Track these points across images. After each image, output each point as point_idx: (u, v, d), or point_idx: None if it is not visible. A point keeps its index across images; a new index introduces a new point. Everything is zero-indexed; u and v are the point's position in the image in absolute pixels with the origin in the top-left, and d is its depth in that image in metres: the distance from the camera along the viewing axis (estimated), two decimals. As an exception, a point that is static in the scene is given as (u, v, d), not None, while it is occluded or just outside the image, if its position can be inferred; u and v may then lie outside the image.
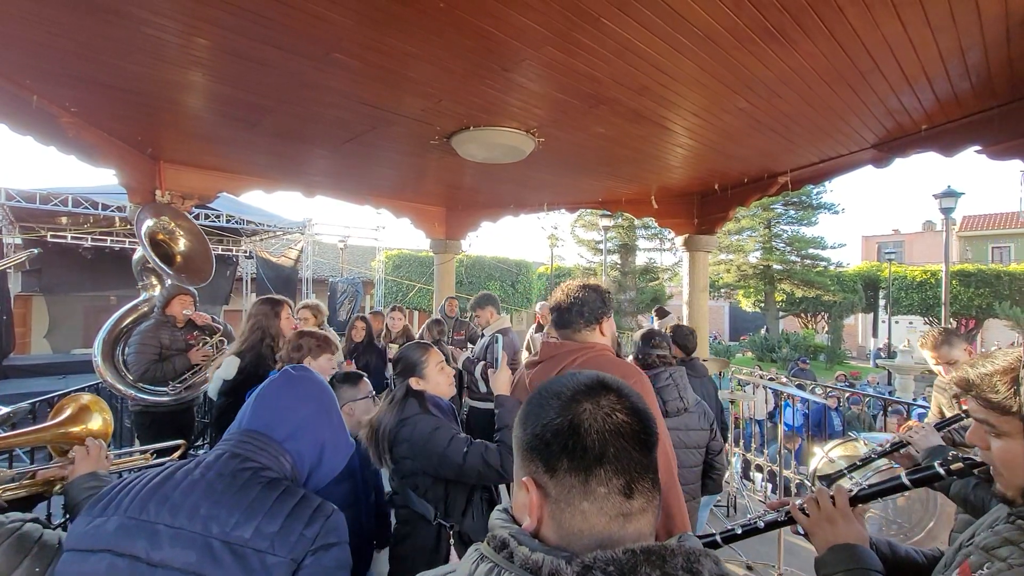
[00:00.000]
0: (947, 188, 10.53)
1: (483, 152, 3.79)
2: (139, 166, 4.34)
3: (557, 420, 0.64)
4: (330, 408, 1.24)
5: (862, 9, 2.13)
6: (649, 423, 0.66)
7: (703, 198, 5.59)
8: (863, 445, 2.99)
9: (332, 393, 1.29)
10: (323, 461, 1.18)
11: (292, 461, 1.12)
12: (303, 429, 1.16)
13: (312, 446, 1.16)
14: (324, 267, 16.70)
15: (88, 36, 2.48)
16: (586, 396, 0.65)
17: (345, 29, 2.33)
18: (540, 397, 0.69)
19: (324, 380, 1.30)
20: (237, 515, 0.98)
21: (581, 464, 0.61)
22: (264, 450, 1.09)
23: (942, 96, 3.00)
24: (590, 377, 0.69)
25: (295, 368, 1.28)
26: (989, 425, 0.92)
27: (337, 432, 1.23)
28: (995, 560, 0.86)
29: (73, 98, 3.24)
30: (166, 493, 1.01)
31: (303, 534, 0.99)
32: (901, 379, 13.66)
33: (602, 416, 0.63)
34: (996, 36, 2.34)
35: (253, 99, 3.17)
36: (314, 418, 1.19)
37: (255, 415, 1.16)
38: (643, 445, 0.63)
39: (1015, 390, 0.87)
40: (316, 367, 2.12)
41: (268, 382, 1.24)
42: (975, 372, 0.95)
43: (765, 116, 3.32)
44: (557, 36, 2.35)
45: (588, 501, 0.61)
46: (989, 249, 27.19)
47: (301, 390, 1.22)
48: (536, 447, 0.65)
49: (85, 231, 11.06)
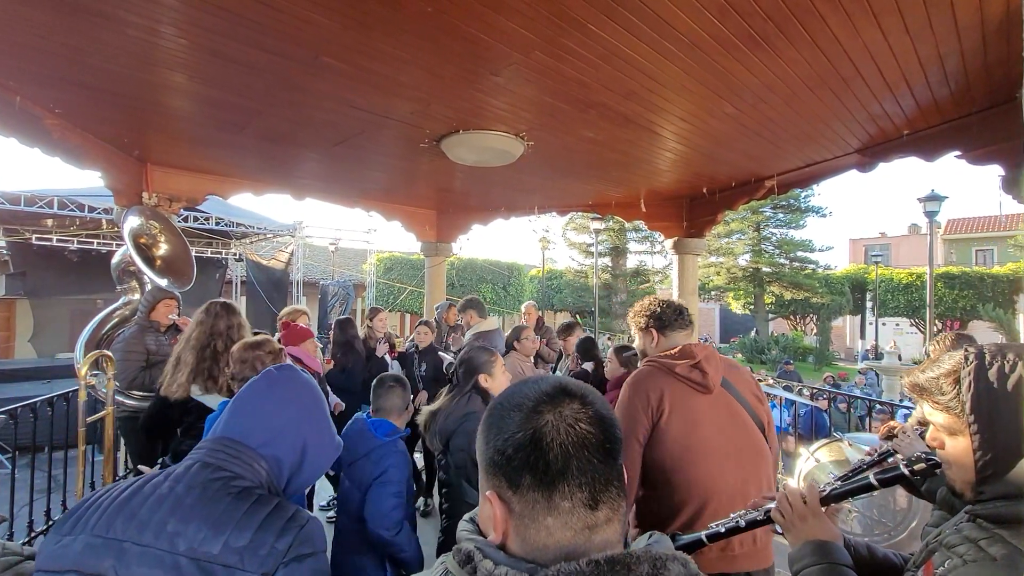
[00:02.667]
0: (931, 192, 10.72)
1: (473, 155, 3.81)
2: (125, 168, 4.30)
3: (519, 434, 0.62)
4: (313, 408, 1.18)
5: (843, 17, 2.17)
6: (612, 430, 0.64)
7: (692, 201, 5.64)
8: (847, 446, 3.04)
9: (317, 392, 1.22)
10: (304, 465, 1.13)
11: (268, 467, 1.07)
12: (281, 434, 1.10)
13: (291, 451, 1.11)
14: (315, 270, 16.61)
15: (72, 38, 2.46)
16: (548, 405, 0.63)
17: (332, 32, 2.33)
18: (501, 408, 0.67)
19: (308, 379, 1.23)
20: (205, 530, 0.94)
21: (544, 479, 0.60)
22: (237, 458, 1.04)
23: (922, 102, 3.07)
24: (552, 384, 0.67)
25: (278, 368, 1.22)
26: (941, 425, 0.98)
27: (321, 433, 1.18)
28: (954, 556, 0.90)
29: (57, 99, 3.21)
30: (133, 509, 0.97)
31: (274, 547, 0.94)
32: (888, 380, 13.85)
33: (565, 428, 0.61)
34: (973, 43, 2.40)
35: (241, 102, 3.15)
36: (294, 421, 1.13)
37: (230, 421, 1.11)
38: (607, 454, 0.62)
39: (958, 390, 0.92)
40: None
41: (247, 385, 1.18)
42: (924, 376, 1.00)
43: (751, 121, 3.37)
44: (544, 41, 2.37)
45: (552, 516, 0.60)
46: (972, 252, 27.64)
47: (280, 392, 1.16)
48: (498, 462, 0.63)
49: (71, 233, 10.92)
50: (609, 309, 21.89)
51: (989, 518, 0.89)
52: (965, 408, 0.91)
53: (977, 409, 0.90)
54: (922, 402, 1.04)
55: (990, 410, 0.89)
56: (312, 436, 1.16)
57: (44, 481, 3.73)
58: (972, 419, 0.91)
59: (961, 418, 0.92)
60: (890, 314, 22.02)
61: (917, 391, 1.02)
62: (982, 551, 0.86)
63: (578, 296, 22.23)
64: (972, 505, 0.95)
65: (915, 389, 1.03)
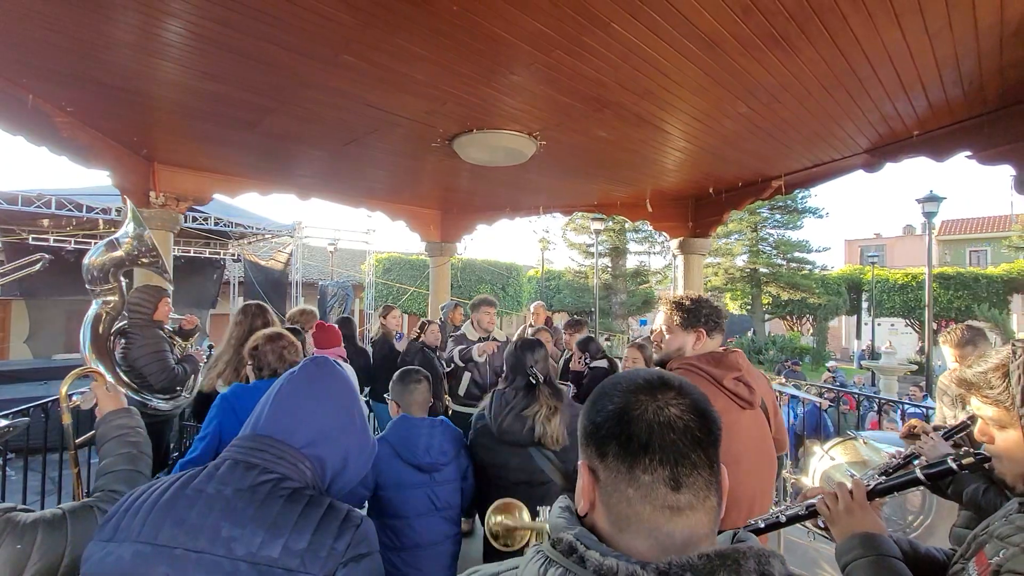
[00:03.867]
0: (930, 193, 10.79)
1: (485, 155, 3.80)
2: (133, 167, 4.27)
3: (611, 408, 0.66)
4: (352, 408, 1.16)
5: (865, 17, 2.19)
6: (706, 421, 0.65)
7: (698, 201, 5.66)
8: (862, 444, 3.05)
9: (355, 389, 1.20)
10: (347, 467, 1.11)
11: (312, 467, 1.04)
12: (325, 435, 1.07)
13: (335, 453, 1.08)
14: (314, 270, 16.55)
15: (87, 33, 2.44)
16: (645, 391, 0.66)
17: (355, 30, 2.33)
18: (604, 389, 0.71)
19: (346, 374, 1.20)
20: (262, 534, 0.92)
21: (627, 450, 0.62)
22: (282, 459, 1.01)
23: (935, 102, 3.09)
24: (652, 374, 0.70)
25: (316, 362, 1.18)
26: (990, 419, 0.99)
27: (361, 435, 1.15)
28: (1009, 546, 0.90)
29: (69, 97, 3.18)
30: (181, 514, 0.93)
31: (333, 547, 0.94)
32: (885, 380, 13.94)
33: (654, 408, 0.64)
34: (990, 45, 2.42)
35: (255, 99, 3.14)
36: (338, 423, 1.10)
37: (272, 418, 1.07)
38: (695, 442, 0.63)
39: (1007, 384, 0.94)
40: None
41: (287, 379, 1.13)
42: (971, 372, 1.02)
43: (764, 121, 3.39)
44: (566, 40, 2.37)
45: (633, 488, 0.62)
46: (967, 253, 27.90)
47: (323, 389, 1.12)
48: (591, 432, 0.67)
49: (68, 234, 10.83)
50: (609, 310, 21.92)
51: None
52: (1016, 401, 0.93)
53: None
54: (970, 397, 1.05)
55: None
56: (353, 440, 1.13)
57: (39, 483, 3.69)
58: (1023, 412, 0.92)
59: (1011, 411, 0.94)
60: (886, 314, 22.17)
61: (965, 386, 1.03)
62: None
63: (577, 296, 22.24)
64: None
65: (963, 384, 1.04)
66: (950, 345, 2.58)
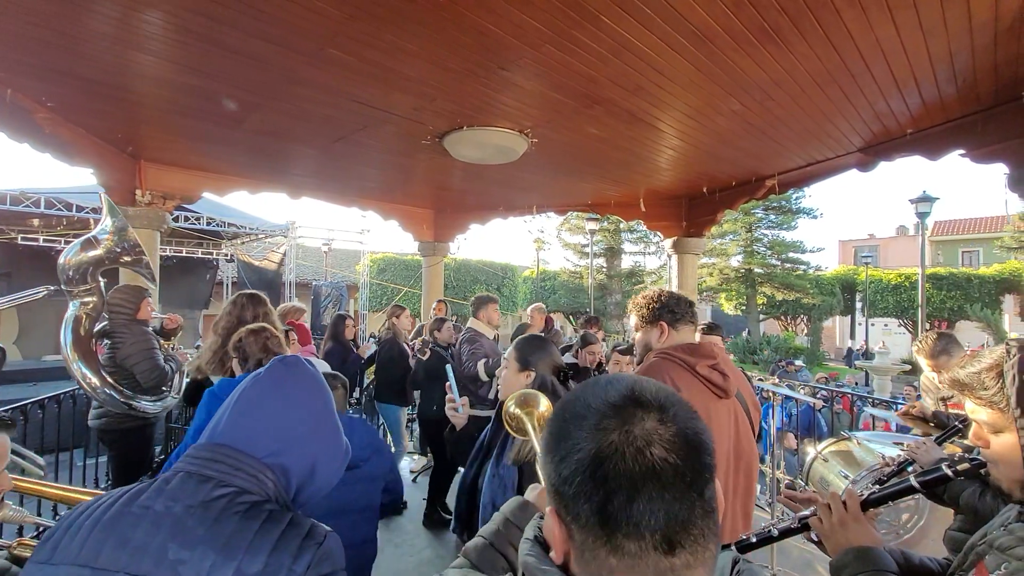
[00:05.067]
0: (923, 193, 10.84)
1: (476, 152, 3.76)
2: (118, 165, 4.20)
3: (578, 456, 0.52)
4: (323, 411, 1.05)
5: (858, 12, 2.16)
6: (698, 456, 0.52)
7: (691, 201, 5.64)
8: (856, 444, 3.03)
9: (326, 390, 1.10)
10: (316, 475, 1.02)
11: (275, 478, 0.95)
12: (291, 443, 0.97)
13: (302, 462, 0.99)
14: (307, 270, 16.46)
15: (67, 26, 2.38)
16: (615, 420, 0.53)
17: (340, 23, 2.28)
18: (562, 418, 0.57)
19: (317, 373, 1.09)
20: (213, 556, 0.83)
21: (603, 515, 0.50)
22: (240, 470, 0.92)
23: (928, 100, 3.07)
24: (621, 392, 0.55)
25: (284, 362, 1.07)
26: (985, 422, 0.95)
27: (331, 440, 1.05)
28: (1012, 560, 0.86)
29: (49, 92, 3.12)
30: (124, 534, 0.85)
31: (292, 569, 0.86)
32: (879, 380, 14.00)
33: (632, 453, 0.50)
34: (985, 41, 2.40)
35: (241, 95, 3.08)
36: (305, 429, 1.00)
37: (232, 425, 0.97)
38: (688, 487, 0.50)
39: (1002, 384, 0.90)
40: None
41: (251, 382, 1.02)
42: (964, 372, 0.98)
43: (756, 118, 3.36)
44: (557, 34, 2.33)
45: (616, 557, 0.50)
46: (959, 253, 28.06)
47: (290, 393, 1.02)
48: (556, 484, 0.54)
49: (58, 233, 10.71)
50: (604, 310, 21.91)
51: None
52: (1011, 402, 0.89)
53: (1022, 403, 0.87)
54: (964, 399, 1.02)
55: None
56: (322, 446, 1.03)
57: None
58: (1019, 413, 0.88)
59: (1006, 413, 0.90)
60: (879, 315, 22.27)
61: (958, 387, 0.99)
62: None
63: (573, 297, 22.23)
64: (1022, 504, 0.93)
65: (956, 385, 1.00)
66: (924, 355, 2.52)
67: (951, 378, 1.02)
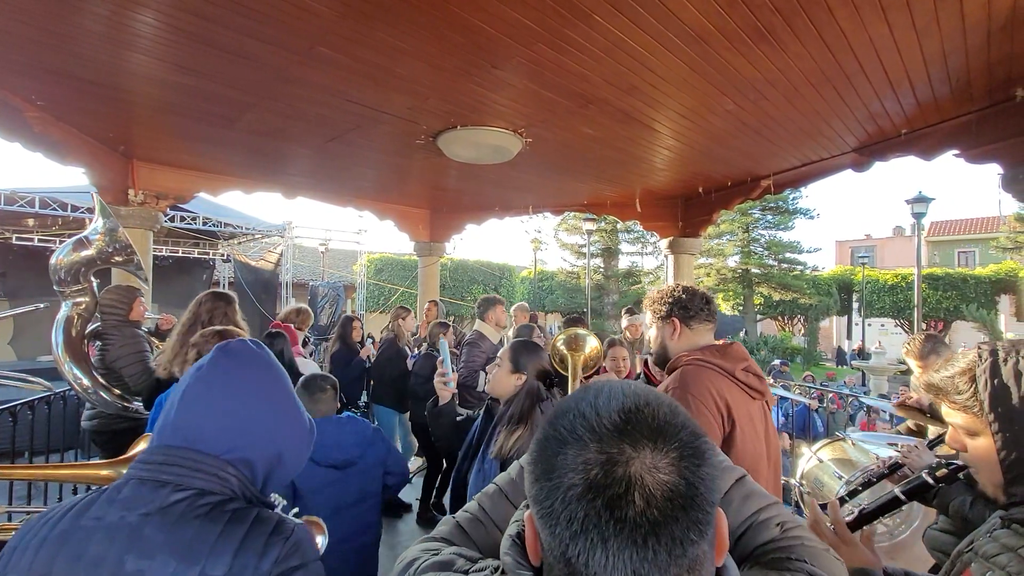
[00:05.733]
0: (919, 194, 10.86)
1: (470, 152, 3.75)
2: (111, 164, 4.17)
3: (549, 481, 0.48)
4: (280, 395, 0.98)
5: (851, 11, 2.15)
6: (686, 511, 0.45)
7: (687, 201, 5.63)
8: (851, 445, 3.02)
9: (279, 370, 1.01)
10: (283, 461, 0.96)
11: (239, 472, 0.90)
12: (251, 435, 0.92)
13: (266, 452, 0.93)
14: (304, 271, 16.40)
15: (57, 24, 2.36)
16: (598, 455, 0.47)
17: (331, 22, 2.26)
18: (545, 438, 0.52)
19: (265, 353, 1.02)
20: (174, 563, 0.80)
21: (566, 557, 0.46)
22: (199, 471, 0.87)
23: (922, 100, 3.06)
24: (612, 419, 0.49)
25: (226, 351, 0.98)
26: (960, 426, 0.95)
27: (294, 423, 0.99)
28: (995, 568, 0.85)
29: (40, 91, 3.09)
30: (76, 548, 0.80)
31: (258, 567, 0.82)
32: (875, 380, 14.02)
33: (608, 499, 0.44)
34: (978, 41, 2.39)
35: (233, 94, 3.06)
36: (264, 417, 0.93)
37: (183, 425, 0.90)
38: (668, 548, 0.44)
39: (975, 389, 0.90)
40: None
41: (193, 377, 0.94)
42: (939, 376, 0.97)
43: (751, 118, 3.35)
44: (548, 33, 2.32)
45: None
46: (955, 254, 28.16)
47: (241, 381, 0.94)
48: (532, 496, 0.50)
49: (53, 233, 10.65)
50: (601, 310, 21.91)
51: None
52: (984, 407, 0.89)
53: (995, 407, 0.87)
54: (939, 404, 1.01)
55: (1009, 407, 0.86)
56: (287, 430, 0.97)
57: (24, 488, 3.59)
58: (992, 417, 0.88)
59: (980, 417, 0.90)
60: (876, 315, 22.31)
61: (933, 391, 0.99)
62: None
63: (570, 297, 22.22)
64: (1004, 509, 0.91)
65: (931, 390, 0.99)
66: (912, 357, 2.52)
67: (926, 382, 1.01)
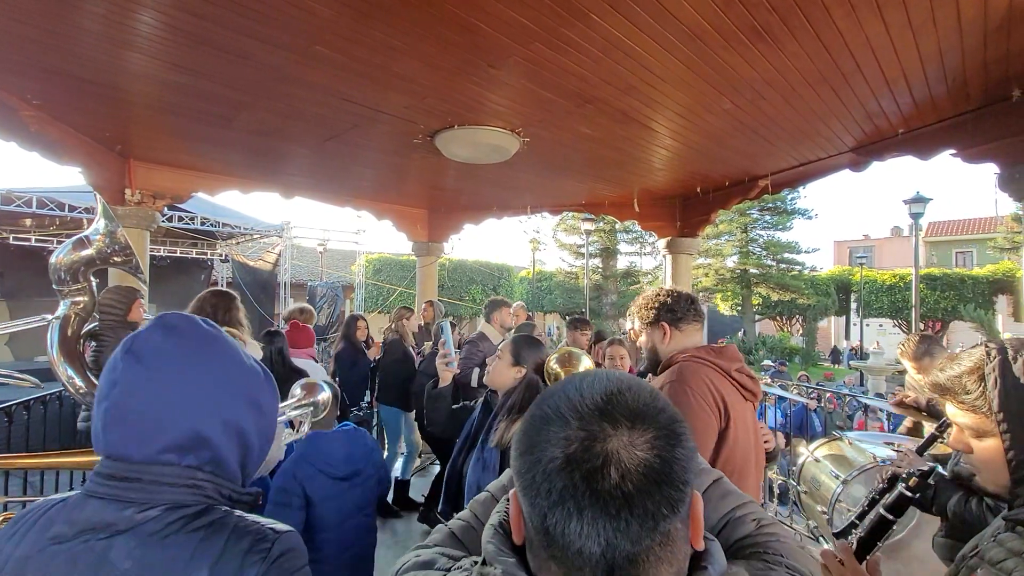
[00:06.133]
0: (916, 194, 10.88)
1: (467, 152, 3.74)
2: (107, 164, 4.16)
3: (532, 456, 0.51)
4: (223, 370, 0.83)
5: (848, 10, 2.15)
6: (659, 486, 0.48)
7: (685, 201, 5.63)
8: (848, 444, 3.02)
9: (223, 340, 0.86)
10: (250, 446, 0.84)
11: (208, 475, 0.79)
12: (209, 429, 0.78)
13: (230, 442, 0.81)
14: (303, 271, 16.38)
15: (52, 23, 2.35)
16: (579, 431, 0.50)
17: (328, 20, 2.26)
18: (533, 414, 0.55)
19: (200, 326, 0.86)
20: None
21: (543, 526, 0.49)
22: (164, 484, 0.76)
23: (919, 99, 3.07)
24: (595, 401, 0.52)
25: (144, 337, 0.81)
26: (968, 427, 0.93)
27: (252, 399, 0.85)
28: (1002, 574, 0.84)
29: (35, 90, 3.08)
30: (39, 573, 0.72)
31: None
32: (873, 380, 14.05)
33: (585, 471, 0.47)
34: (974, 40, 2.40)
35: (230, 93, 3.06)
36: (211, 404, 0.80)
37: (119, 435, 0.77)
38: (640, 520, 0.47)
39: (983, 387, 0.88)
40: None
41: (108, 379, 0.79)
42: (944, 376, 0.95)
43: (748, 118, 3.35)
44: (545, 32, 2.32)
45: (556, 563, 0.50)
46: (953, 254, 28.24)
47: (172, 372, 0.79)
48: (516, 471, 0.53)
49: (50, 233, 10.63)
50: (599, 310, 21.92)
51: None
52: (993, 406, 0.87)
53: (1006, 406, 0.86)
54: (944, 404, 0.99)
55: (1019, 406, 0.85)
56: (240, 410, 0.83)
57: (19, 489, 3.58)
58: (1001, 417, 0.86)
59: (989, 417, 0.88)
60: (874, 315, 22.36)
61: (939, 391, 0.97)
62: None
63: (568, 297, 22.23)
64: (1009, 510, 0.90)
65: (937, 389, 0.97)
66: (907, 357, 2.54)
67: (932, 382, 0.99)
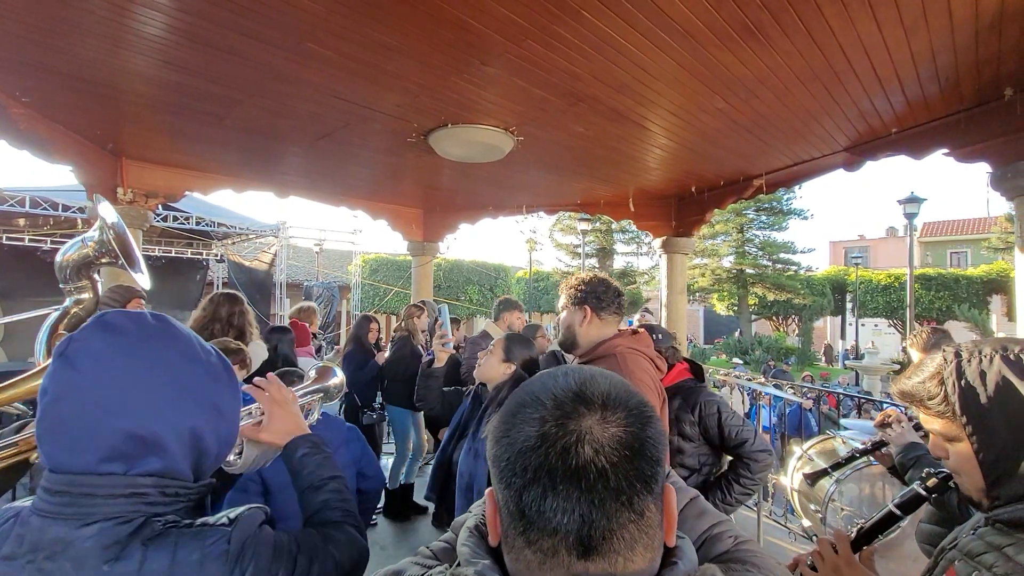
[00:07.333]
0: (911, 194, 10.93)
1: (461, 150, 3.73)
2: (99, 163, 4.13)
3: (508, 439, 0.52)
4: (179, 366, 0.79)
5: (839, 8, 2.15)
6: (632, 462, 0.49)
7: (680, 200, 5.64)
8: (841, 443, 3.02)
9: (174, 336, 0.82)
10: (205, 446, 0.81)
11: (155, 482, 0.75)
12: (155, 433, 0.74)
13: (181, 446, 0.77)
14: (299, 271, 16.34)
15: (40, 19, 2.33)
16: (555, 412, 0.51)
17: (320, 17, 2.24)
18: (511, 402, 0.57)
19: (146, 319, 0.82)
20: None
21: (519, 506, 0.49)
22: (100, 497, 0.72)
23: (912, 99, 3.07)
24: (569, 386, 0.53)
25: (75, 338, 0.76)
26: (939, 432, 0.92)
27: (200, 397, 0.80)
28: (981, 568, 0.84)
29: (24, 87, 3.06)
30: None
31: None
32: (868, 379, 14.11)
33: (560, 448, 0.48)
34: (966, 39, 2.40)
35: (221, 91, 3.04)
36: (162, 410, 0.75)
37: (48, 445, 0.73)
38: (614, 494, 0.48)
39: (945, 393, 0.88)
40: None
41: (46, 374, 0.75)
42: (911, 383, 0.95)
43: (742, 117, 3.35)
44: (537, 29, 2.31)
45: (530, 550, 0.50)
46: (947, 254, 28.37)
47: (109, 367, 0.74)
48: (492, 461, 0.54)
49: (44, 233, 10.58)
50: (596, 310, 21.92)
51: (1010, 523, 0.83)
52: (956, 410, 0.87)
53: (967, 409, 0.86)
54: (917, 412, 0.98)
55: (979, 408, 0.84)
56: (190, 412, 0.78)
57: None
58: (964, 420, 0.86)
59: (955, 421, 0.88)
60: (869, 315, 22.43)
61: (907, 399, 0.97)
62: (1011, 560, 0.80)
63: (565, 298, 22.21)
64: (990, 511, 0.90)
65: (905, 397, 0.97)
66: (917, 348, 2.54)
67: (899, 390, 0.98)
